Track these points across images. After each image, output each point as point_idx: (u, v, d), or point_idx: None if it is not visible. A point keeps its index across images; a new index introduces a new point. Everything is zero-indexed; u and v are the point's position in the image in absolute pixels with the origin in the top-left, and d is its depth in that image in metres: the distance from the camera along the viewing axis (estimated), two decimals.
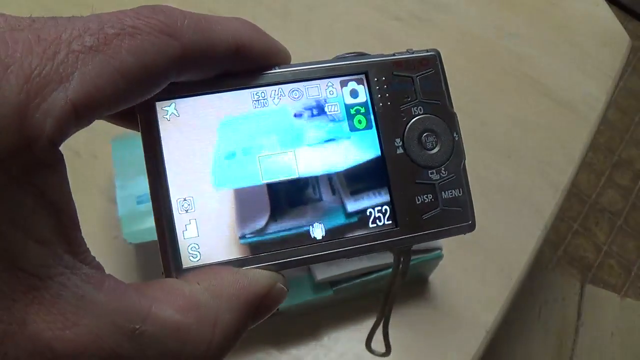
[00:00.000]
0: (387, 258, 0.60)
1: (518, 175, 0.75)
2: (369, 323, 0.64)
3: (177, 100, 0.28)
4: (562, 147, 0.78)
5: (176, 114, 0.28)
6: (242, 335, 0.26)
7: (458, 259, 0.67)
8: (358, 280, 0.60)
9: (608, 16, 0.91)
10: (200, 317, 0.24)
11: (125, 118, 0.30)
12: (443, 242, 0.62)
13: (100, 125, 0.34)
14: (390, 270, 0.60)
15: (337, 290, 0.60)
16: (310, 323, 0.64)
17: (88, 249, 0.23)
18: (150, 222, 0.54)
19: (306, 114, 0.30)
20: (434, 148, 0.31)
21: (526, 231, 0.72)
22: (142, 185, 0.56)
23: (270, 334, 0.62)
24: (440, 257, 0.62)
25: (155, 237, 0.52)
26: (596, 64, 0.86)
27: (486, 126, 0.78)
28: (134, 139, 0.58)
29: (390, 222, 0.30)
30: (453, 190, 0.31)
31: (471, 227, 0.31)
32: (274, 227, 0.28)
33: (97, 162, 0.68)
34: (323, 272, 0.59)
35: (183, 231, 0.27)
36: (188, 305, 0.24)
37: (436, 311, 0.66)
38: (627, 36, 0.89)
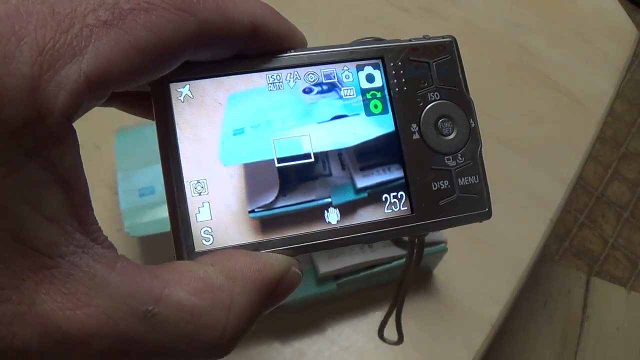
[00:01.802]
0: (391, 251, 0.60)
1: (524, 167, 0.75)
2: (372, 316, 0.64)
3: (192, 82, 0.28)
4: (569, 140, 0.78)
5: (190, 95, 0.28)
6: (256, 320, 0.25)
7: (463, 252, 0.67)
8: (361, 274, 0.60)
9: (615, 8, 0.90)
10: (215, 299, 0.23)
11: (137, 105, 0.30)
12: (448, 236, 0.62)
13: (103, 117, 0.34)
14: (394, 263, 0.60)
15: (341, 283, 0.60)
16: (314, 316, 0.63)
17: (100, 228, 0.22)
18: (152, 215, 0.54)
19: (319, 92, 0.29)
20: (450, 134, 0.30)
21: (532, 224, 0.71)
22: (145, 177, 0.56)
23: (273, 327, 0.62)
24: (445, 250, 0.62)
25: (157, 230, 0.53)
26: (604, 56, 0.85)
27: (492, 118, 0.77)
28: (137, 131, 0.59)
29: (406, 208, 0.30)
30: (469, 177, 0.30)
31: (487, 215, 0.31)
32: (283, 202, 0.28)
33: (100, 154, 0.68)
34: (326, 266, 0.58)
35: (196, 214, 0.27)
36: (202, 288, 0.23)
37: (441, 304, 0.66)
38: (634, 29, 0.88)
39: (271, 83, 0.29)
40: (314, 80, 0.29)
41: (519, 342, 1.52)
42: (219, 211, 0.27)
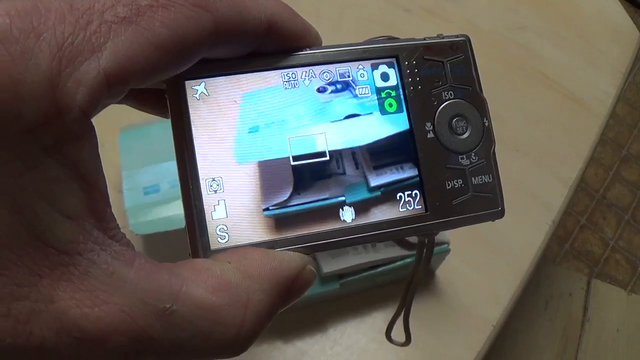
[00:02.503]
0: (394, 252, 0.60)
1: (526, 169, 0.75)
2: (375, 316, 0.64)
3: (207, 80, 0.28)
4: (571, 142, 0.78)
5: (206, 93, 0.28)
6: (273, 318, 0.25)
7: (465, 254, 0.67)
8: (364, 274, 0.60)
9: (618, 10, 0.90)
10: (232, 297, 0.23)
11: (150, 102, 0.30)
12: (450, 237, 0.62)
13: (108, 115, 0.34)
14: (398, 263, 0.60)
15: (344, 283, 0.60)
16: (316, 315, 0.64)
17: (118, 225, 0.22)
18: (156, 214, 0.54)
19: (334, 91, 0.29)
20: (464, 133, 0.30)
21: (534, 226, 0.71)
22: (149, 176, 0.56)
23: (276, 325, 0.62)
24: (447, 251, 0.62)
25: (161, 228, 0.53)
26: (606, 58, 0.85)
27: (495, 120, 0.77)
28: (141, 129, 0.59)
29: (420, 206, 0.30)
30: (483, 176, 0.31)
31: (501, 214, 0.31)
32: (297, 200, 0.28)
33: (104, 152, 0.67)
34: (329, 265, 0.58)
35: (211, 212, 0.27)
36: (219, 285, 0.23)
37: (443, 305, 0.66)
38: (637, 31, 0.88)
39: (286, 81, 0.29)
40: (329, 79, 0.29)
41: (520, 343, 1.52)
42: (235, 209, 0.27)
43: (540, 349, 1.54)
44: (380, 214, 0.29)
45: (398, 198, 0.29)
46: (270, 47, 0.28)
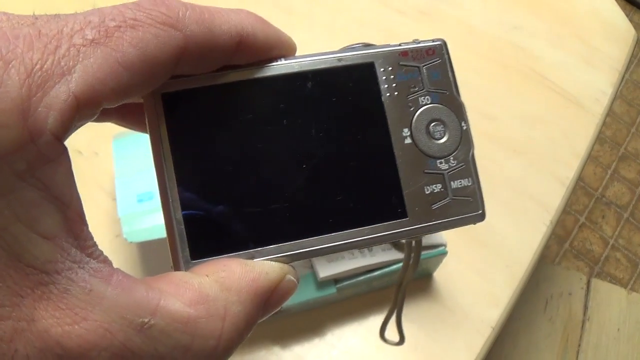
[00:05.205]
0: (390, 255, 0.60)
1: (524, 169, 0.75)
2: (372, 320, 0.64)
3: (183, 94, 0.28)
4: (568, 141, 0.78)
5: (183, 107, 0.28)
6: (252, 328, 0.26)
7: (463, 255, 0.67)
8: (361, 278, 0.60)
9: (613, 9, 0.90)
10: (210, 310, 0.24)
11: (134, 119, 0.30)
12: (447, 238, 0.62)
13: (101, 124, 0.34)
14: (394, 266, 0.60)
15: (340, 288, 0.60)
16: (314, 320, 0.63)
17: (95, 242, 0.23)
18: (150, 221, 0.53)
19: None
20: (442, 137, 0.30)
21: (532, 226, 0.71)
22: (143, 183, 0.56)
23: (273, 331, 0.62)
24: (444, 253, 0.61)
25: (155, 236, 0.53)
26: (602, 57, 0.85)
27: (491, 120, 0.77)
28: (136, 137, 0.59)
29: (399, 212, 0.30)
30: (462, 180, 0.30)
31: (481, 217, 0.31)
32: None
33: (99, 160, 0.68)
34: (326, 270, 0.58)
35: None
36: (197, 298, 0.24)
37: (441, 307, 0.66)
38: (632, 29, 0.88)
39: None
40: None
41: (520, 344, 1.52)
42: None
43: (540, 349, 1.54)
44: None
45: None
46: (243, 59, 0.28)
